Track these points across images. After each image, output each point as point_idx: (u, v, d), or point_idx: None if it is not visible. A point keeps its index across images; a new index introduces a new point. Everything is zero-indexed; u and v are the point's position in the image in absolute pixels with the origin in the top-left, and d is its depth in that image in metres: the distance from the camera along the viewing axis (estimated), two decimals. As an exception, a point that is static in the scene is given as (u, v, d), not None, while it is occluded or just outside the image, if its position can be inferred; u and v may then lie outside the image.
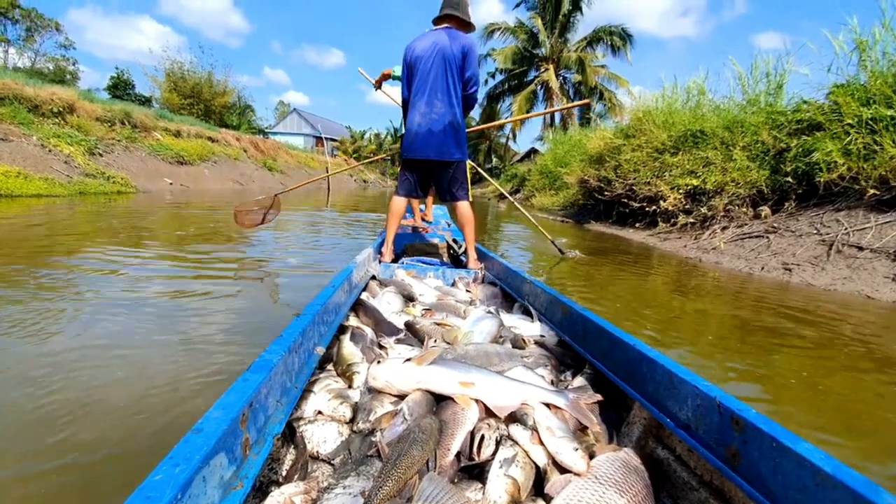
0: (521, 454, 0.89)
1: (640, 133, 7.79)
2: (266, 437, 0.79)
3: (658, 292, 3.39)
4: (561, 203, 12.82)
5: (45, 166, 8.09)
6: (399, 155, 2.76)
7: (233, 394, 0.73)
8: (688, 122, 7.05)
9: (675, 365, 0.96)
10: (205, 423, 0.64)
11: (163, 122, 13.59)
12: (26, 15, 25.98)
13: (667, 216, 6.74)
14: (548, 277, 3.67)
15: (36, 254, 3.21)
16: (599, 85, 24.38)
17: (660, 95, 8.19)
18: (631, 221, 7.62)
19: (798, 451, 0.66)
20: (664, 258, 5.12)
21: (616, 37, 23.10)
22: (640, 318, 2.58)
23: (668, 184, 6.88)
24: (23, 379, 1.44)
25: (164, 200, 8.39)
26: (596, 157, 9.18)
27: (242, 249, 4.11)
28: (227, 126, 21.36)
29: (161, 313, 2.11)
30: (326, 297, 1.35)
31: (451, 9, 2.52)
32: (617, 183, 7.70)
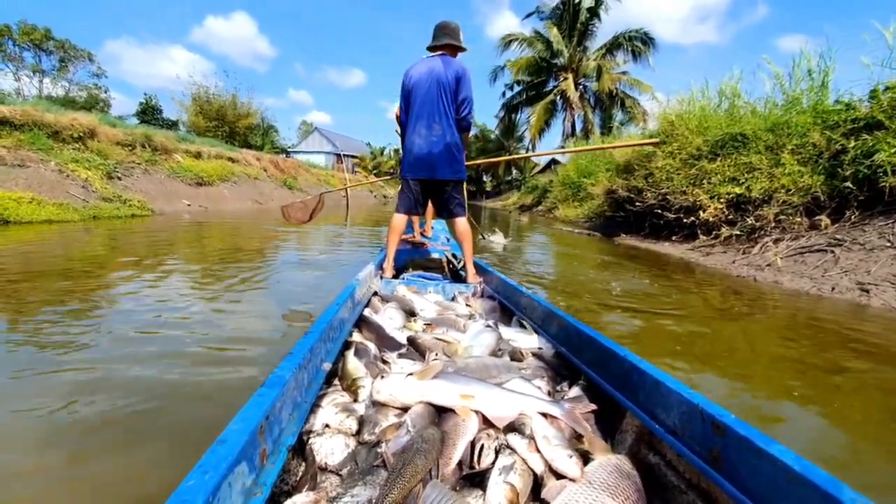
0: (520, 462, 0.94)
1: (672, 139, 7.16)
2: (280, 448, 0.85)
3: (709, 319, 2.85)
4: (585, 214, 12.20)
5: (61, 191, 8.07)
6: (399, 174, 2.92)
7: (251, 408, 0.78)
8: (725, 126, 6.42)
9: (662, 374, 1.00)
10: (228, 435, 0.70)
11: (184, 145, 13.67)
12: (60, 46, 27.49)
13: (707, 228, 6.10)
14: (587, 303, 3.37)
15: (51, 279, 3.36)
16: (620, 92, 23.71)
17: (690, 99, 7.55)
18: (666, 234, 7.01)
19: (771, 452, 0.71)
20: (710, 276, 4.57)
21: (638, 41, 22.40)
22: (692, 357, 2.05)
23: (707, 192, 6.25)
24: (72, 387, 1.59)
25: (180, 222, 8.64)
26: (624, 166, 8.57)
27: (260, 267, 4.22)
28: (250, 147, 21.69)
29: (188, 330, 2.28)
30: (332, 314, 1.41)
31: (448, 38, 2.70)
32: (649, 193, 7.11)
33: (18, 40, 26.83)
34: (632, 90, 24.15)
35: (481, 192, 51.53)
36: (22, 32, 26.75)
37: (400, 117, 2.83)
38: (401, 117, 2.82)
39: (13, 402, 1.53)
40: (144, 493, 1.12)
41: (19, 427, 1.39)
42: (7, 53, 26.95)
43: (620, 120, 25.27)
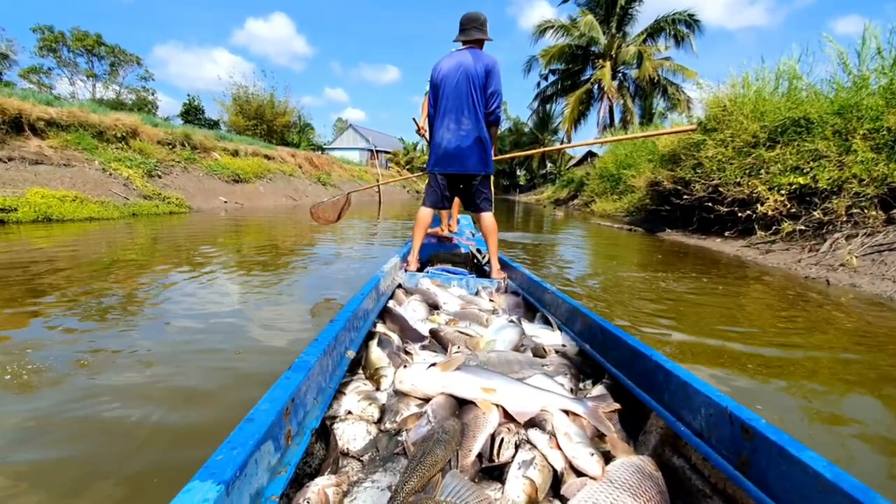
0: (540, 458, 0.94)
1: (723, 125, 6.56)
2: (305, 430, 0.88)
3: (791, 337, 2.39)
4: (625, 208, 11.59)
5: (104, 189, 8.32)
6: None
7: (278, 389, 0.82)
8: (784, 109, 5.78)
9: (689, 375, 0.99)
10: (256, 414, 0.73)
11: (221, 143, 13.96)
12: (110, 51, 28.96)
13: (766, 222, 5.52)
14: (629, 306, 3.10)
15: (96, 274, 3.57)
16: (662, 79, 22.43)
17: (744, 81, 6.90)
18: (717, 229, 6.46)
19: (802, 459, 0.69)
20: (770, 277, 4.11)
21: (682, 25, 21.13)
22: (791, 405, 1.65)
23: (765, 183, 5.66)
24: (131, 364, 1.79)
25: (217, 218, 8.95)
26: (669, 157, 7.98)
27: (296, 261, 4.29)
28: (287, 144, 22.19)
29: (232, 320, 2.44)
30: (356, 304, 1.45)
31: (478, 31, 2.68)
32: (697, 184, 6.55)
33: (72, 46, 28.43)
34: (675, 77, 22.86)
35: (515, 186, 50.81)
36: (75, 38, 28.40)
37: (427, 111, 2.83)
38: (428, 111, 2.82)
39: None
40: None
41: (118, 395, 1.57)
42: (62, 59, 28.50)
43: (662, 108, 24.02)
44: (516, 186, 50.48)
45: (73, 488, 1.11)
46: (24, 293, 2.80)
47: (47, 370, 1.75)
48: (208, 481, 0.56)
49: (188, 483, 0.56)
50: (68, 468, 1.19)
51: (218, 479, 0.57)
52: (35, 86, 27.48)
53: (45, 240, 5.10)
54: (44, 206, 6.82)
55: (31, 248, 4.55)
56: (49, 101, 10.04)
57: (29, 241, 4.94)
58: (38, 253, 4.25)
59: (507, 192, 49.23)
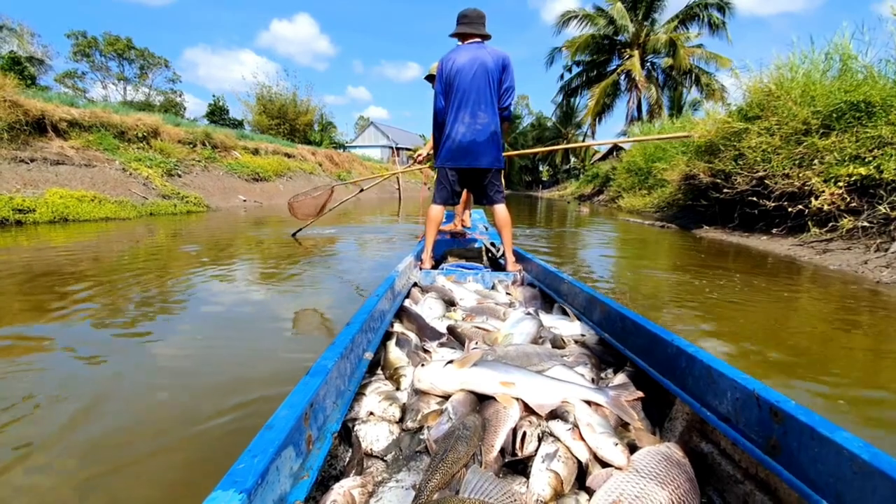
0: (563, 450, 0.94)
1: (768, 112, 5.95)
2: (325, 434, 0.89)
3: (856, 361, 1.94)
4: (655, 204, 10.99)
5: (123, 189, 8.32)
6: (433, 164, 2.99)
7: (296, 395, 0.83)
8: (839, 93, 5.16)
9: (713, 359, 0.98)
10: (275, 421, 0.73)
11: (242, 142, 13.95)
12: (140, 55, 29.60)
13: (821, 218, 4.93)
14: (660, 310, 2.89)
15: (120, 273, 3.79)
16: (695, 68, 21.35)
17: (790, 64, 6.26)
18: (762, 226, 5.86)
19: (836, 440, 0.68)
20: (836, 282, 3.53)
21: (715, 10, 20.02)
22: None
23: (819, 175, 5.06)
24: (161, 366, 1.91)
25: (236, 217, 9.05)
26: (705, 147, 7.38)
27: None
28: (310, 143, 22.30)
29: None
30: (372, 305, 1.45)
31: (483, 27, 2.75)
32: (739, 177, 5.96)
33: (104, 50, 29.27)
34: (707, 65, 21.75)
35: (537, 182, 50.01)
36: (107, 43, 29.25)
37: (436, 104, 2.83)
38: (436, 105, 2.83)
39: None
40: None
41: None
42: (95, 63, 29.37)
43: (692, 100, 22.94)
44: (539, 182, 49.67)
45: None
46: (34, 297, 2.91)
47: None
48: (230, 490, 0.58)
49: (211, 493, 0.57)
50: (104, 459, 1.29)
51: (240, 487, 0.58)
52: (70, 90, 28.40)
53: (52, 243, 5.20)
54: (61, 207, 6.82)
55: (42, 249, 4.46)
56: (72, 102, 10.12)
57: (41, 244, 5.05)
58: (48, 255, 4.28)
59: (530, 188, 48.49)
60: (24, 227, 6.03)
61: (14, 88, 8.21)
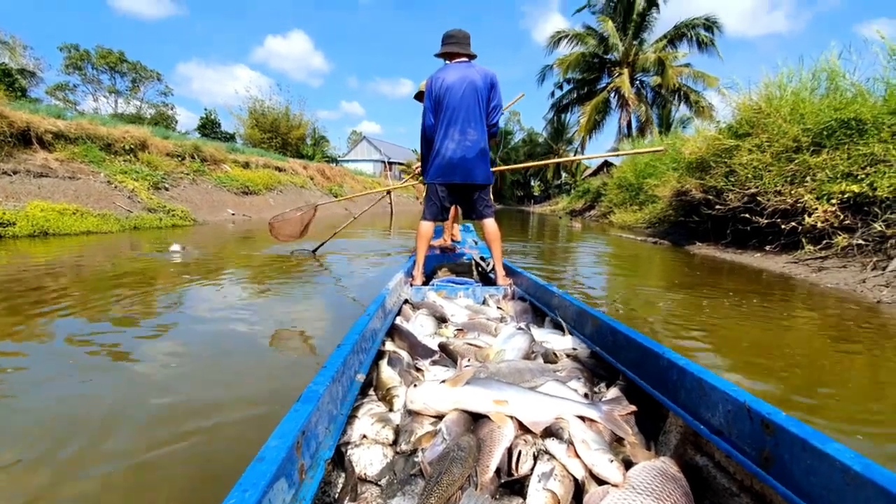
0: (559, 468, 0.94)
1: (758, 129, 5.97)
2: (318, 461, 0.87)
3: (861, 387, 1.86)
4: (646, 220, 10.99)
5: (107, 202, 8.13)
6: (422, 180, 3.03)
7: (287, 423, 0.80)
8: (829, 110, 5.19)
9: (704, 371, 0.98)
10: (266, 452, 0.71)
11: (233, 155, 13.81)
12: (132, 68, 29.42)
13: (815, 235, 4.88)
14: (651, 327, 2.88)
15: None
16: (683, 86, 21.72)
17: (778, 82, 6.32)
18: (755, 243, 5.82)
19: (827, 452, 0.68)
20: (831, 301, 3.50)
21: (702, 30, 20.44)
22: None
23: (812, 192, 5.03)
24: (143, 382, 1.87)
25: (223, 231, 8.95)
26: (696, 164, 7.39)
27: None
28: (302, 156, 22.23)
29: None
30: (363, 325, 1.43)
31: (469, 47, 2.82)
32: (731, 194, 5.92)
33: (96, 63, 29.15)
34: (695, 83, 22.16)
35: (529, 197, 50.33)
36: (99, 56, 29.21)
37: (425, 122, 2.88)
38: (425, 122, 2.88)
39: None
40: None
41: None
42: (87, 76, 29.19)
43: (681, 117, 23.29)
44: (531, 197, 50.02)
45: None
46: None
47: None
48: None
49: None
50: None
51: None
52: (61, 102, 28.14)
53: (31, 258, 5.07)
54: (42, 220, 6.62)
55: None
56: (60, 114, 9.94)
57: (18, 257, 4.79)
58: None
59: (522, 203, 48.78)
60: (3, 241, 5.81)
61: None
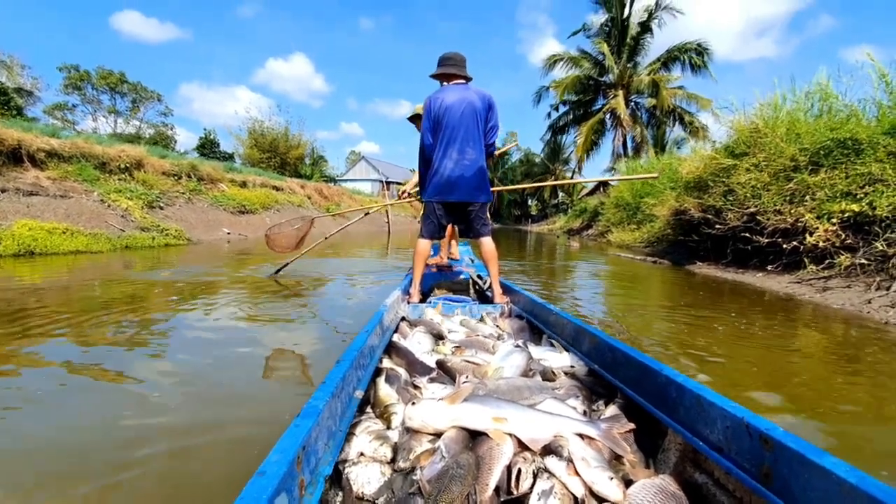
0: (559, 486, 0.94)
1: (756, 149, 5.94)
2: (318, 477, 0.87)
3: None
4: (645, 238, 10.93)
5: (99, 221, 8.05)
6: (420, 198, 3.12)
7: (288, 438, 0.80)
8: (825, 130, 5.17)
9: (702, 388, 0.99)
10: (267, 466, 0.71)
11: (230, 174, 13.76)
12: (133, 88, 29.68)
13: (817, 255, 4.79)
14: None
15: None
16: (677, 107, 22.03)
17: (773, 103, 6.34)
18: (756, 263, 5.71)
19: (824, 465, 0.68)
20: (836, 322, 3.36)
21: (694, 54, 20.85)
22: None
23: (812, 211, 4.95)
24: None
25: (217, 250, 8.82)
26: (694, 183, 7.36)
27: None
28: (300, 176, 22.27)
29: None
30: (361, 342, 1.45)
31: (462, 69, 2.88)
32: (731, 213, 5.85)
33: (96, 84, 29.43)
34: (689, 105, 22.50)
35: (526, 216, 50.53)
36: (99, 77, 29.50)
37: (424, 141, 2.92)
38: (423, 141, 2.93)
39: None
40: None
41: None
42: (87, 96, 29.41)
43: (679, 136, 23.56)
44: (528, 216, 50.26)
45: None
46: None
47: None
48: None
49: None
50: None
51: None
52: (59, 122, 28.27)
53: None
54: (29, 239, 6.49)
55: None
56: (54, 133, 9.90)
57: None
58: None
59: (519, 223, 48.92)
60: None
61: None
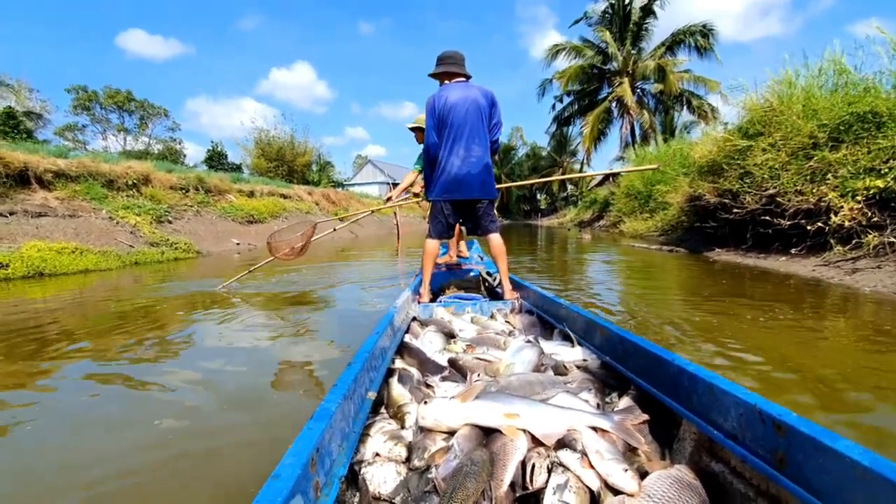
0: (574, 479, 0.94)
1: (772, 127, 5.69)
2: (333, 479, 0.88)
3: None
4: (658, 227, 10.66)
5: (108, 238, 8.13)
6: (425, 197, 3.13)
7: (302, 441, 0.81)
8: (842, 105, 4.90)
9: (714, 376, 0.98)
10: (281, 470, 0.72)
11: (237, 185, 13.84)
12: (140, 106, 30.11)
13: (843, 235, 4.55)
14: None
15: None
16: (685, 91, 21.55)
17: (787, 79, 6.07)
18: (779, 246, 5.46)
19: (837, 449, 0.68)
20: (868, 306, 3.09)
21: (699, 36, 20.38)
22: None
23: (835, 189, 4.71)
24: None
25: (227, 261, 8.81)
26: (707, 167, 7.10)
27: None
28: (308, 183, 22.31)
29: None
30: (372, 343, 1.46)
31: (462, 67, 2.91)
32: (749, 196, 5.61)
33: (104, 103, 29.86)
34: (696, 88, 22.01)
35: (536, 210, 50.13)
36: (107, 96, 29.93)
37: (428, 140, 2.90)
38: (428, 140, 2.91)
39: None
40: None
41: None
42: (95, 116, 29.92)
43: (684, 122, 23.08)
44: (537, 211, 49.87)
45: None
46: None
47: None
48: None
49: None
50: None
51: None
52: (70, 142, 28.75)
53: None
54: (38, 260, 6.52)
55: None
56: (62, 154, 10.00)
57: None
58: None
59: (529, 217, 48.57)
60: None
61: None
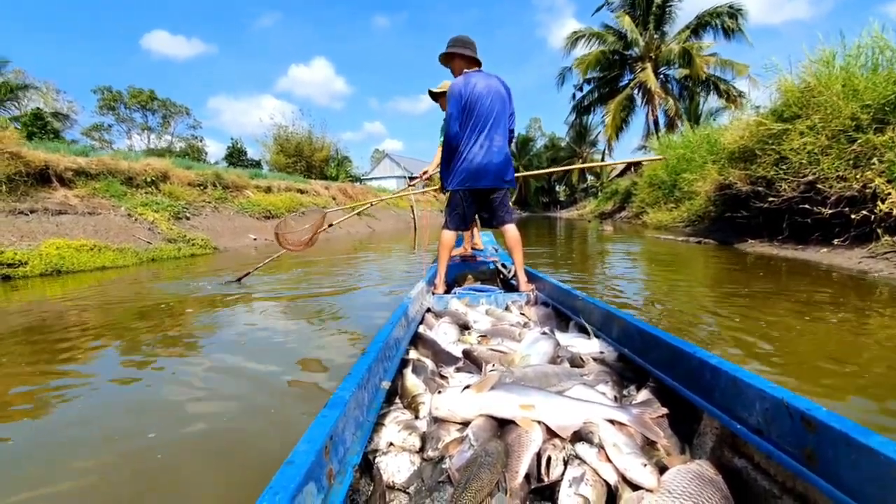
0: (590, 472, 0.92)
1: (809, 109, 5.26)
2: (346, 467, 0.88)
3: None
4: (685, 218, 10.22)
5: (127, 235, 8.23)
6: (442, 187, 3.10)
7: (315, 428, 0.82)
8: (886, 85, 4.53)
9: (738, 369, 0.95)
10: (295, 456, 0.73)
11: (255, 181, 13.93)
12: (162, 105, 30.71)
13: (891, 225, 4.16)
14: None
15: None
16: (711, 76, 20.66)
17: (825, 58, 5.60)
18: (819, 237, 5.06)
19: (871, 446, 0.65)
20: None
21: (726, 17, 19.46)
22: None
23: (882, 175, 4.32)
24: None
25: (243, 257, 8.78)
26: (738, 154, 6.68)
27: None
28: (326, 178, 22.50)
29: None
30: (387, 333, 1.47)
31: (476, 54, 2.90)
32: (785, 183, 5.21)
33: (128, 103, 30.56)
34: (724, 72, 21.08)
35: (555, 202, 49.39)
36: (131, 96, 30.59)
37: (450, 130, 2.83)
38: (450, 130, 2.84)
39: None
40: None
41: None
42: (120, 115, 30.67)
43: (710, 109, 22.17)
44: (556, 202, 49.22)
45: None
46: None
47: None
48: None
49: None
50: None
51: None
52: (97, 142, 29.53)
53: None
54: (56, 258, 6.62)
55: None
56: (84, 152, 10.16)
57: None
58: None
59: (548, 209, 47.91)
60: (13, 282, 5.74)
61: (14, 140, 8.20)
